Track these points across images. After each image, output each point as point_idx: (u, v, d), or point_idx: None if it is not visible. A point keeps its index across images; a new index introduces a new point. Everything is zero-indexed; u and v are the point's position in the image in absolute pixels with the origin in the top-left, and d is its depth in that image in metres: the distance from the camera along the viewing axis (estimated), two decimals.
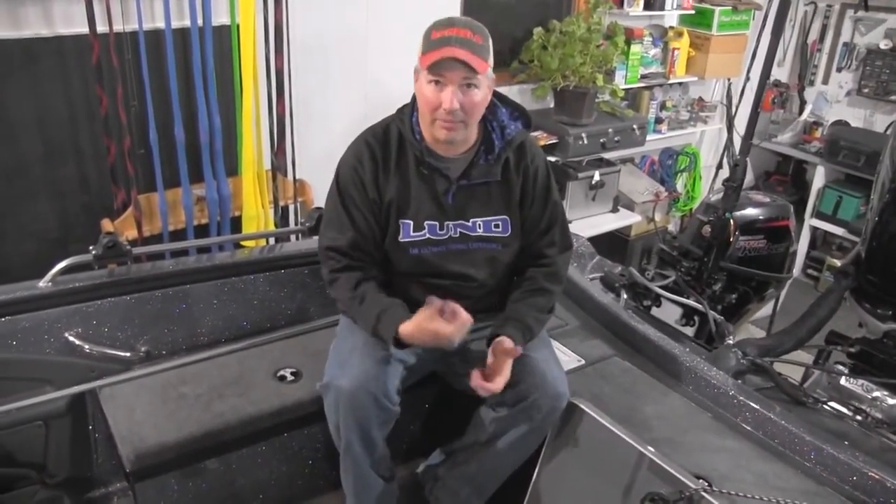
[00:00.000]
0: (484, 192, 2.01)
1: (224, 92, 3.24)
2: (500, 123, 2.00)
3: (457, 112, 1.84)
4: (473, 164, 1.98)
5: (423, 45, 1.85)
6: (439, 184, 1.97)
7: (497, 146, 1.99)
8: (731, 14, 5.01)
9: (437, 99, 1.84)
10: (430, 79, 1.83)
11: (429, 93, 1.85)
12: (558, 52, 4.20)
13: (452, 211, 1.99)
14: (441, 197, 1.98)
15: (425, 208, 1.97)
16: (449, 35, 1.81)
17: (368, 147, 1.97)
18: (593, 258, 3.05)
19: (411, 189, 1.97)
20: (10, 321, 2.05)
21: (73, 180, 3.15)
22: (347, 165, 1.99)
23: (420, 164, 1.96)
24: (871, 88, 5.49)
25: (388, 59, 3.79)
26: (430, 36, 1.83)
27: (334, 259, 1.96)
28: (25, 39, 2.85)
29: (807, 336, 2.84)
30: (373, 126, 2.03)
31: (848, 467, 1.85)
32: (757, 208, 3.07)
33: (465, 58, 1.79)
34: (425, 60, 1.82)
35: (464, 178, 1.98)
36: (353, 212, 1.96)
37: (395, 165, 1.97)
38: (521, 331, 1.93)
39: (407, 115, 1.98)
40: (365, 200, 1.95)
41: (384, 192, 1.96)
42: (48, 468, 2.12)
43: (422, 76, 1.86)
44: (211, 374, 2.20)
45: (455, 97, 1.82)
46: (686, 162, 5.61)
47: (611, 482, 1.88)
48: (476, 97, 1.86)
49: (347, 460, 1.95)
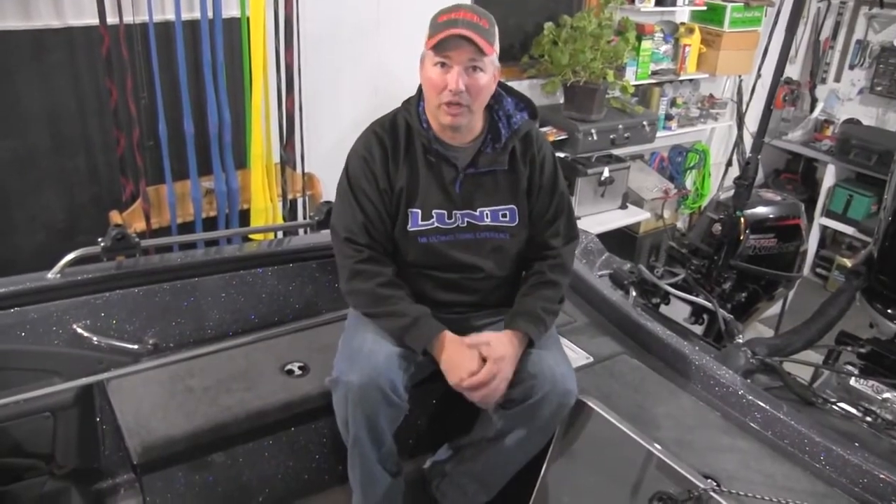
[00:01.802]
0: (491, 182, 2.01)
1: (234, 84, 3.23)
2: (507, 113, 2.00)
3: (462, 94, 1.84)
4: (480, 153, 1.99)
5: (429, 30, 1.86)
6: (447, 173, 1.98)
7: (503, 135, 1.99)
8: (743, 10, 4.97)
9: (442, 81, 1.84)
10: (436, 60, 1.84)
11: (434, 75, 1.85)
12: (569, 48, 4.18)
13: (460, 200, 1.99)
14: (449, 186, 1.98)
15: (433, 197, 1.97)
16: (455, 17, 1.82)
17: (377, 137, 1.97)
18: (602, 255, 3.03)
19: (420, 178, 1.97)
20: (19, 312, 2.06)
21: (82, 172, 3.15)
22: (357, 156, 1.99)
23: (427, 152, 1.96)
24: (885, 86, 5.46)
25: (398, 53, 3.76)
26: (437, 20, 1.85)
27: (355, 250, 1.95)
28: (36, 31, 2.85)
29: (817, 336, 2.82)
30: (380, 118, 2.03)
31: (858, 469, 1.83)
32: (768, 207, 3.05)
33: (471, 36, 1.80)
34: (431, 42, 1.83)
35: (471, 167, 1.98)
36: (365, 202, 1.95)
37: (403, 154, 1.97)
38: (533, 323, 1.93)
39: (413, 105, 1.98)
40: (376, 190, 1.95)
41: (394, 181, 1.96)
42: (56, 459, 2.12)
43: (427, 59, 1.87)
44: (218, 368, 2.20)
45: (461, 78, 1.82)
46: (696, 159, 5.59)
47: (618, 481, 1.88)
48: (481, 80, 1.86)
49: (355, 455, 1.95)
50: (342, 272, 2.00)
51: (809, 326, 2.85)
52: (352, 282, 1.96)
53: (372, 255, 1.95)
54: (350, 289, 1.98)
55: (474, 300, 2.07)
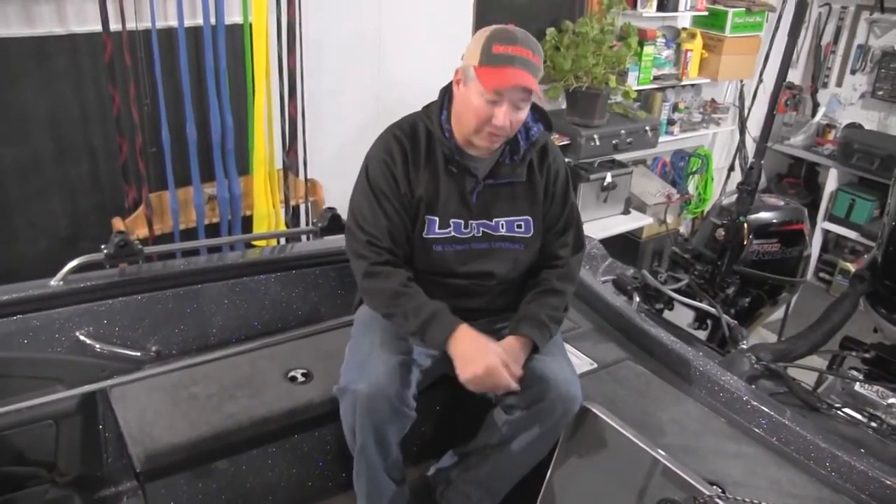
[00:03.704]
0: (508, 193, 2.01)
1: (236, 91, 3.23)
2: (525, 125, 2.00)
3: (505, 129, 1.85)
4: (500, 164, 1.99)
5: (480, 55, 1.81)
6: (467, 182, 1.98)
7: (522, 147, 2.00)
8: (744, 15, 4.97)
9: (488, 113, 1.83)
10: (488, 96, 1.82)
11: (481, 106, 1.83)
12: (571, 53, 4.19)
13: (477, 210, 1.99)
14: (467, 195, 1.98)
15: (452, 206, 1.97)
16: (513, 54, 1.79)
17: (398, 141, 1.96)
18: (605, 260, 3.03)
19: (440, 186, 1.96)
20: (22, 320, 2.05)
21: (84, 178, 3.15)
22: (377, 159, 1.97)
23: (449, 161, 1.96)
24: (886, 91, 5.44)
25: (402, 59, 3.78)
26: (492, 49, 1.80)
27: (375, 253, 1.92)
28: (39, 37, 2.85)
29: (821, 341, 2.81)
30: (398, 122, 2.02)
31: (864, 475, 1.82)
32: (771, 212, 3.05)
33: (530, 85, 1.79)
34: (488, 79, 1.79)
35: (490, 178, 1.99)
36: (385, 204, 1.93)
37: (424, 161, 1.96)
38: (538, 328, 1.93)
39: (435, 113, 1.97)
40: (396, 194, 1.94)
41: (415, 187, 1.95)
42: (59, 467, 2.12)
43: (474, 86, 1.83)
44: (222, 375, 2.19)
45: (508, 116, 1.83)
46: (698, 164, 5.58)
47: (623, 487, 1.87)
48: (523, 115, 1.89)
49: (361, 463, 1.94)
50: (359, 271, 1.95)
51: (814, 331, 2.84)
52: (369, 280, 1.93)
53: (390, 259, 1.94)
54: (367, 287, 1.94)
55: (481, 305, 2.07)
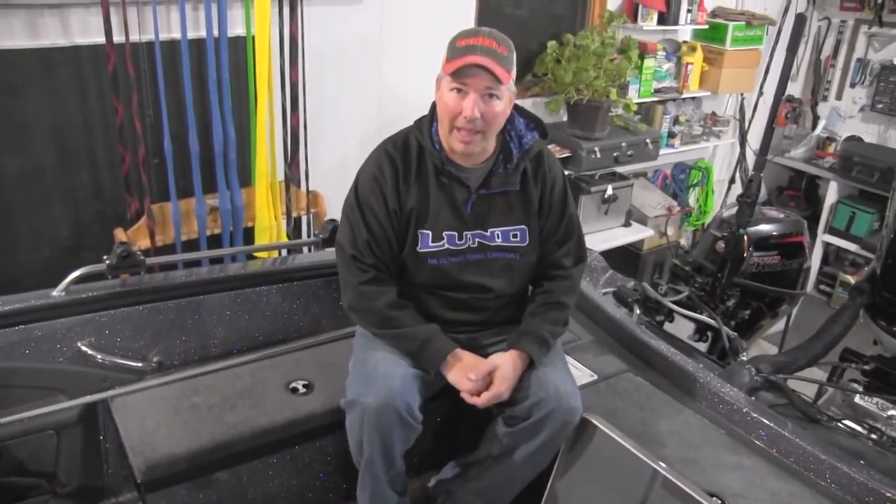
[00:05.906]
0: (503, 202, 2.01)
1: (239, 103, 3.25)
2: (518, 133, 2.01)
3: (477, 121, 1.84)
4: (492, 174, 1.99)
5: (447, 53, 1.86)
6: (459, 193, 1.98)
7: (515, 155, 1.99)
8: (744, 29, 5.00)
9: (458, 106, 1.84)
10: (453, 86, 1.84)
11: (450, 100, 1.85)
12: (572, 66, 4.20)
13: (471, 221, 1.99)
14: (460, 207, 1.98)
15: (444, 218, 1.97)
16: (474, 43, 1.82)
17: (389, 157, 1.97)
18: (606, 272, 3.04)
19: (430, 199, 1.97)
20: (24, 330, 2.06)
21: (87, 189, 3.16)
22: (367, 175, 1.98)
23: (440, 173, 1.96)
24: (886, 104, 5.47)
25: (403, 71, 3.80)
26: (455, 44, 1.85)
27: (360, 269, 1.95)
28: (43, 49, 2.87)
29: (821, 353, 2.81)
30: (392, 136, 2.03)
31: (864, 486, 1.82)
32: (771, 224, 3.06)
33: (488, 65, 1.79)
34: (449, 67, 1.83)
35: (483, 188, 1.99)
36: (372, 222, 1.95)
37: (415, 175, 1.97)
38: (538, 343, 1.94)
39: (426, 126, 1.98)
40: (384, 210, 1.95)
41: (405, 202, 1.96)
42: (59, 478, 2.12)
43: (444, 83, 1.87)
44: (223, 386, 2.19)
45: (476, 106, 1.83)
46: (698, 176, 5.59)
47: (623, 499, 1.87)
48: (497, 108, 1.86)
49: (367, 476, 1.95)
50: (345, 290, 2.00)
51: (813, 344, 2.84)
52: (357, 301, 1.97)
53: (377, 276, 1.95)
54: (355, 308, 1.98)
55: (481, 319, 2.07)
